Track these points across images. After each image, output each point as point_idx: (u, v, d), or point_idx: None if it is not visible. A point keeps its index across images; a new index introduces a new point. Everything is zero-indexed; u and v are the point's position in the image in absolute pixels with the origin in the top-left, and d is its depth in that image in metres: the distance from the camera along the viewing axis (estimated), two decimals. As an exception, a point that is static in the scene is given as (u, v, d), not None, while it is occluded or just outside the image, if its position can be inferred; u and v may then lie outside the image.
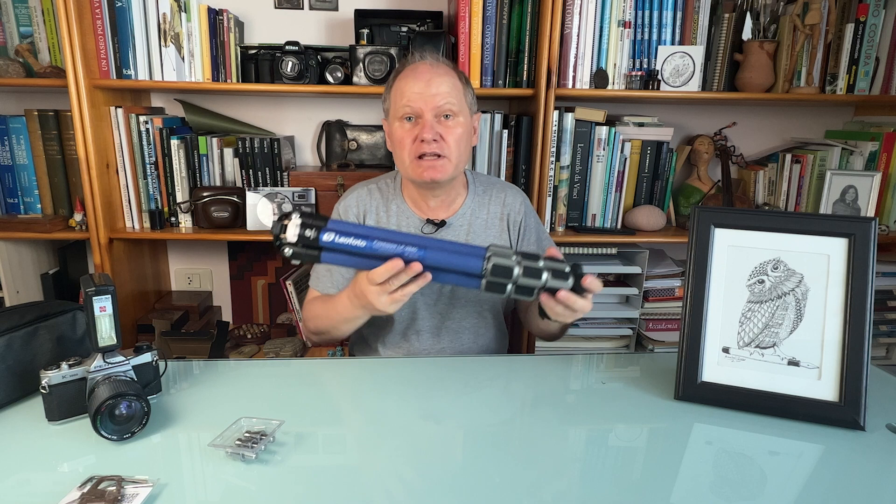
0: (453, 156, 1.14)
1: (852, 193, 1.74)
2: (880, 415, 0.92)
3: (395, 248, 0.89)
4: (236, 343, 1.87)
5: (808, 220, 0.93)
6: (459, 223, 1.24)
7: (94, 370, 0.85)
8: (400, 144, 1.14)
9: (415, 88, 1.11)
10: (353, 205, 1.25)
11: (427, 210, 1.23)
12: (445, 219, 1.22)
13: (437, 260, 0.90)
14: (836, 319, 0.91)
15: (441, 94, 1.11)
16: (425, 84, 1.11)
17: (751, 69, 1.70)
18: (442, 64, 1.16)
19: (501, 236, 1.26)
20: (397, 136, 1.15)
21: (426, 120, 1.11)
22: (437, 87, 1.11)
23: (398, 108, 1.14)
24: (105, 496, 0.68)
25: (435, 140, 1.11)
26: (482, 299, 1.25)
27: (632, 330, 1.81)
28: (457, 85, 1.15)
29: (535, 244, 1.29)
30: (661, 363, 1.12)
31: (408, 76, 1.14)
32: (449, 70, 1.15)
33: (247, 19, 1.85)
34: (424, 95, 1.11)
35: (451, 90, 1.12)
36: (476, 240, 1.24)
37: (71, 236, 1.67)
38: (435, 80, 1.12)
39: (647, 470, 0.78)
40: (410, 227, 1.23)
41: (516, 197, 1.29)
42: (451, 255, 0.91)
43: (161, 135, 1.68)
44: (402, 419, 0.90)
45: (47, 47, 1.66)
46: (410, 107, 1.12)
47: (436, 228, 1.22)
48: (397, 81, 1.16)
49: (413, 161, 1.13)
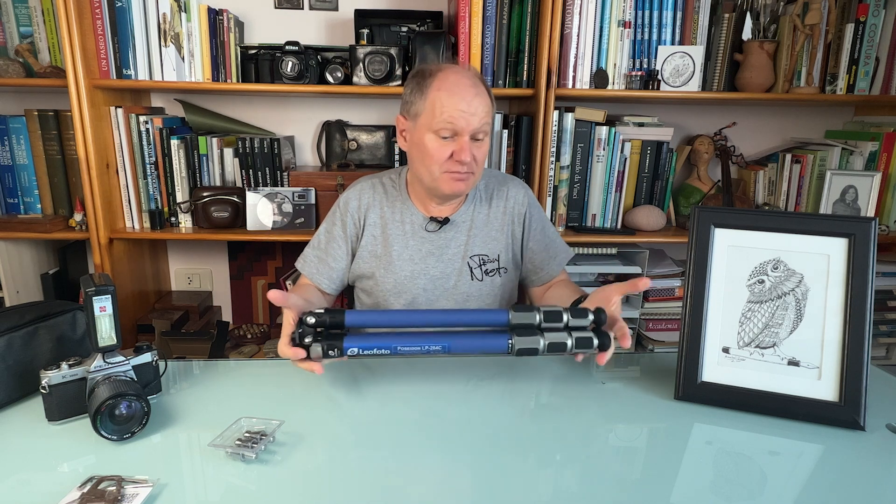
0: (478, 171, 1.17)
1: (852, 193, 1.74)
2: (880, 415, 0.92)
3: (419, 349, 0.91)
4: (236, 343, 1.88)
5: (808, 220, 0.93)
6: (462, 220, 1.25)
7: (94, 370, 0.85)
8: (431, 157, 1.13)
9: (459, 106, 1.10)
10: (355, 197, 1.25)
11: (432, 208, 1.24)
12: (449, 216, 1.24)
13: (461, 349, 0.92)
14: (836, 319, 0.91)
15: (479, 115, 1.12)
16: (467, 104, 1.10)
17: (751, 69, 1.70)
18: (479, 82, 1.15)
19: (504, 231, 1.27)
20: (430, 147, 1.13)
21: (464, 141, 1.11)
22: (477, 108, 1.11)
23: (436, 120, 1.11)
24: (105, 496, 0.68)
25: (469, 161, 1.13)
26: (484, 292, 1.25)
27: (632, 330, 1.80)
28: (489, 105, 1.15)
29: (540, 235, 1.29)
30: (661, 363, 1.12)
31: (450, 90, 1.11)
32: (485, 90, 1.15)
33: (247, 19, 1.85)
34: (467, 115, 1.10)
35: (486, 112, 1.14)
36: (479, 235, 1.25)
37: (71, 236, 1.67)
38: (476, 102, 1.11)
39: (647, 470, 0.78)
40: (415, 225, 1.23)
41: (519, 189, 1.30)
42: (474, 341, 0.92)
43: (161, 135, 1.68)
44: (403, 419, 0.89)
45: (47, 47, 1.66)
46: (452, 126, 1.11)
47: (439, 226, 1.23)
48: (436, 90, 1.12)
49: (442, 174, 1.14)
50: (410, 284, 1.22)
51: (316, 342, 0.89)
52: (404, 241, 1.23)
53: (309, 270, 1.26)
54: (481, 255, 1.25)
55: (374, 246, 1.24)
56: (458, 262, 1.24)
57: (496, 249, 1.26)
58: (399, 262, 1.22)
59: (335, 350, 0.89)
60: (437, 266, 1.23)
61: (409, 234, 1.23)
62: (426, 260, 1.23)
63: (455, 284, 1.24)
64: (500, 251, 1.26)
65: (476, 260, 1.25)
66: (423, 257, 1.23)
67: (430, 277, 1.23)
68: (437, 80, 1.13)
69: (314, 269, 1.26)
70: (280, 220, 1.70)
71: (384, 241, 1.23)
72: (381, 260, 1.23)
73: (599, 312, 0.93)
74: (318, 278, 1.25)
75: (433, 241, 1.23)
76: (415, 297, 1.23)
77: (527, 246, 1.30)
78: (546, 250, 1.30)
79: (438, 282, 1.24)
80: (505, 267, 1.27)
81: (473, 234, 1.25)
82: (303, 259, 1.28)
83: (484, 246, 1.25)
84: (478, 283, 1.25)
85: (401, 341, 0.90)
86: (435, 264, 1.23)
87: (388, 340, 0.90)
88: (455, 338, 0.91)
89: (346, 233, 1.25)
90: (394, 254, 1.22)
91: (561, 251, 1.32)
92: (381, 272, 1.23)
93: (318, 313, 0.90)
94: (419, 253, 1.23)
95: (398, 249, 1.23)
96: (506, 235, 1.27)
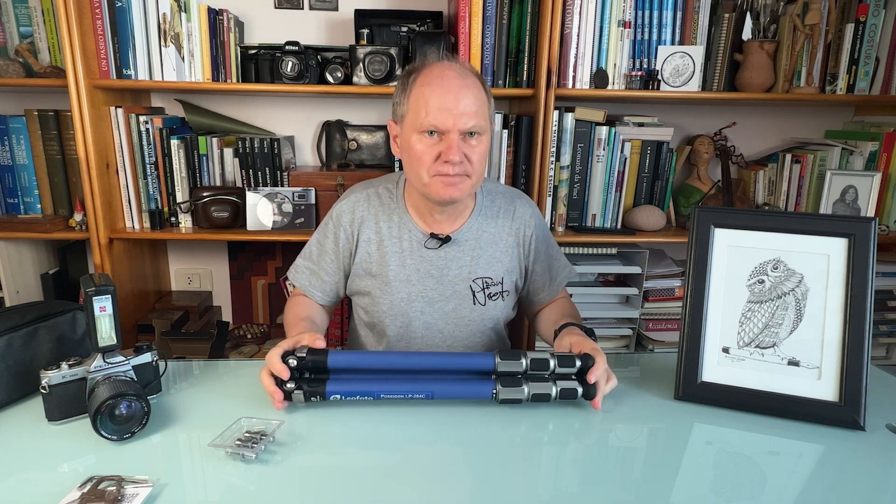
0: (475, 174, 1.07)
1: (852, 193, 1.74)
2: (880, 415, 0.92)
3: (402, 396, 0.91)
4: (236, 343, 1.88)
5: (808, 220, 0.93)
6: (465, 238, 1.16)
7: (94, 370, 0.85)
8: (418, 160, 1.04)
9: (443, 103, 1.00)
10: (348, 210, 1.17)
11: (432, 223, 1.15)
12: (450, 234, 1.15)
13: (444, 396, 0.92)
14: (836, 319, 0.91)
15: (469, 113, 1.01)
16: (454, 99, 1.00)
17: (751, 69, 1.70)
18: (469, 72, 1.05)
19: (509, 252, 1.19)
20: (416, 149, 1.04)
21: (452, 140, 1.01)
22: (466, 104, 1.01)
23: (420, 120, 1.02)
24: (105, 496, 0.68)
25: (460, 161, 1.03)
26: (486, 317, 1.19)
27: (632, 330, 1.81)
28: (483, 99, 1.05)
29: (545, 256, 1.24)
30: (661, 363, 1.12)
31: (433, 84, 1.02)
32: (476, 81, 1.05)
33: (247, 19, 1.85)
34: (453, 113, 1.00)
35: (478, 108, 1.03)
36: (483, 255, 1.17)
37: (71, 236, 1.67)
38: (463, 94, 1.01)
39: (647, 470, 0.78)
40: (413, 242, 1.15)
41: (526, 209, 1.22)
42: (457, 388, 0.92)
43: (161, 135, 1.68)
44: (402, 419, 0.89)
45: (47, 47, 1.65)
46: (436, 125, 1.01)
47: (440, 244, 1.14)
48: (419, 87, 1.03)
49: (432, 178, 1.04)
50: (407, 307, 1.15)
51: (298, 388, 0.89)
52: (401, 259, 1.15)
53: (301, 282, 1.21)
54: (485, 278, 1.17)
55: (368, 264, 1.16)
56: (460, 284, 1.16)
57: (500, 272, 1.18)
58: (396, 282, 1.15)
59: (318, 396, 0.90)
60: (437, 288, 1.15)
61: (407, 253, 1.15)
62: (424, 281, 1.15)
63: (455, 308, 1.17)
64: (504, 273, 1.19)
65: (479, 283, 1.17)
66: (420, 278, 1.15)
67: (428, 300, 1.16)
68: (421, 75, 1.04)
69: (306, 281, 1.20)
70: (280, 220, 1.70)
71: (380, 259, 1.16)
72: (376, 279, 1.16)
73: (587, 359, 0.92)
74: (311, 290, 1.20)
75: (432, 260, 1.15)
76: (411, 319, 1.16)
77: (531, 269, 1.24)
78: (548, 271, 1.24)
79: (437, 304, 1.16)
80: (508, 290, 1.20)
81: (478, 255, 1.16)
82: (294, 269, 1.22)
83: (488, 268, 1.17)
84: (480, 307, 1.17)
85: (384, 387, 0.90)
86: (434, 286, 1.15)
87: (371, 386, 0.90)
88: (439, 384, 0.91)
89: (338, 247, 1.18)
90: (390, 274, 1.15)
91: (563, 272, 1.26)
92: (377, 292, 1.16)
93: (300, 356, 0.90)
94: (417, 273, 1.15)
95: (395, 269, 1.15)
96: (510, 258, 1.19)
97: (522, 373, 0.92)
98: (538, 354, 0.92)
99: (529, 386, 0.90)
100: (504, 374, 0.92)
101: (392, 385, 0.91)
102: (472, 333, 1.20)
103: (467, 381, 0.93)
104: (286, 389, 0.89)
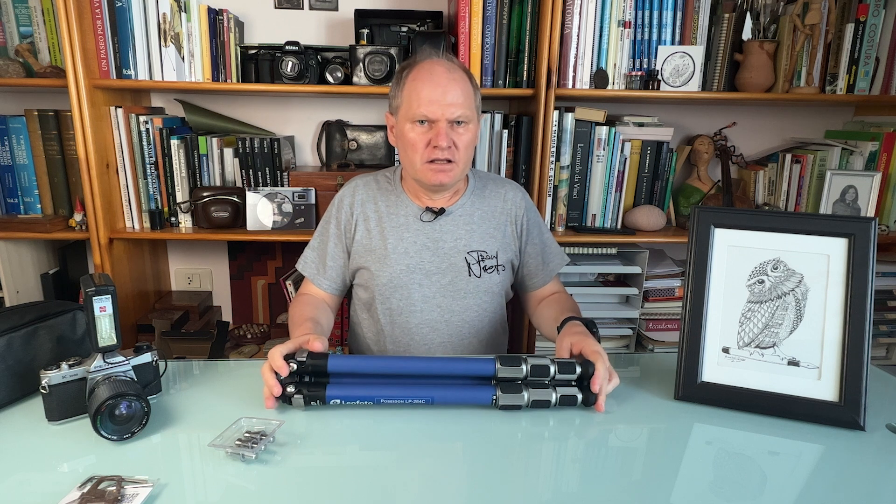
0: (462, 161, 1.17)
1: (852, 193, 1.74)
2: (880, 415, 0.92)
3: (402, 400, 0.91)
4: (236, 343, 1.88)
5: (807, 220, 0.93)
6: (459, 213, 1.24)
7: (94, 370, 0.85)
8: (412, 147, 1.15)
9: (432, 95, 1.12)
10: (349, 193, 1.26)
11: (426, 200, 1.25)
12: (445, 207, 1.24)
13: (444, 401, 0.92)
14: (836, 319, 0.91)
15: (456, 104, 1.12)
16: (442, 91, 1.11)
17: (751, 69, 1.70)
18: (456, 67, 1.16)
19: (501, 229, 1.26)
20: (409, 138, 1.15)
21: (441, 127, 1.12)
22: (453, 96, 1.12)
23: (412, 111, 1.13)
24: (105, 496, 0.68)
25: (448, 147, 1.13)
26: (481, 290, 1.24)
27: (632, 330, 1.81)
28: (469, 91, 1.15)
29: (537, 239, 1.30)
30: (661, 363, 1.12)
31: (424, 78, 1.13)
32: (463, 75, 1.16)
33: (247, 19, 1.85)
34: (441, 104, 1.12)
35: (465, 99, 1.14)
36: (477, 230, 1.24)
37: (71, 236, 1.67)
38: (451, 86, 1.12)
39: (647, 470, 0.78)
40: (409, 217, 1.23)
41: (516, 192, 1.30)
42: (457, 394, 0.92)
43: (161, 135, 1.68)
44: (402, 418, 0.89)
45: (47, 47, 1.66)
46: (426, 115, 1.12)
47: (434, 216, 1.23)
48: (411, 81, 1.14)
49: (424, 164, 1.15)
50: (407, 279, 1.21)
51: (298, 393, 0.89)
52: (399, 233, 1.22)
53: (309, 271, 1.28)
54: (480, 251, 1.24)
55: (367, 240, 1.24)
56: (455, 257, 1.23)
57: (494, 247, 1.25)
58: (394, 254, 1.21)
59: (317, 401, 0.90)
60: (433, 261, 1.22)
61: (404, 226, 1.23)
62: (421, 254, 1.22)
63: (451, 281, 1.23)
64: (499, 249, 1.25)
65: (475, 256, 1.23)
66: (418, 250, 1.22)
67: (426, 272, 1.22)
68: (413, 70, 1.15)
69: (314, 269, 1.27)
70: (280, 220, 1.70)
71: (380, 234, 1.23)
72: (375, 254, 1.23)
73: (587, 366, 0.92)
74: (319, 279, 1.27)
75: (428, 233, 1.23)
76: (410, 292, 1.22)
77: (524, 250, 1.30)
78: (541, 255, 1.30)
79: (434, 277, 1.22)
80: (503, 265, 1.26)
81: (472, 230, 1.24)
82: (303, 260, 1.30)
83: (482, 242, 1.24)
84: (475, 279, 1.23)
85: (384, 392, 0.91)
86: (430, 258, 1.22)
87: (371, 391, 0.91)
88: (439, 389, 0.91)
89: (340, 229, 1.26)
90: (389, 247, 1.22)
91: (555, 257, 1.33)
92: (376, 266, 1.22)
93: (300, 360, 0.90)
94: (414, 246, 1.22)
95: (393, 242, 1.22)
96: (503, 234, 1.27)
97: (522, 379, 0.92)
98: (538, 360, 0.92)
99: (529, 392, 0.91)
100: (504, 379, 0.92)
101: (392, 390, 0.91)
102: (468, 307, 1.24)
103: (467, 386, 0.93)
104: (287, 394, 0.89)
